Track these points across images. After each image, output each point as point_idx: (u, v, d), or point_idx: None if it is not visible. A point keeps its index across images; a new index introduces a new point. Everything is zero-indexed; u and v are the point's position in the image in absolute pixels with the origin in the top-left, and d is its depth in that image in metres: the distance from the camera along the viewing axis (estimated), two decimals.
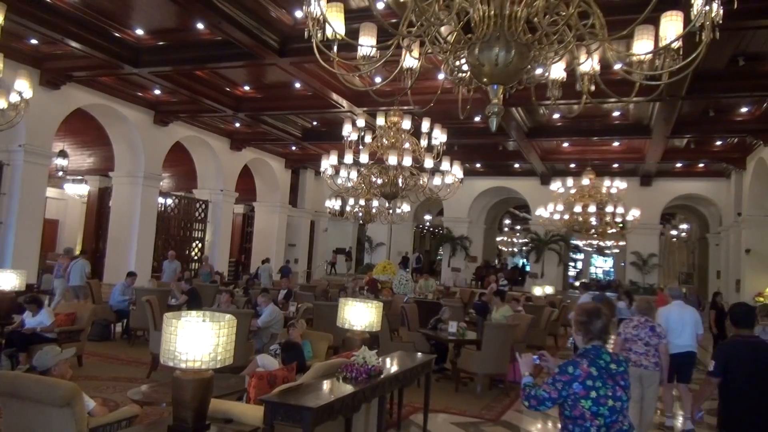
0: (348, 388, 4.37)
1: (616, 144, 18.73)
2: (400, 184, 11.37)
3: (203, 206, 19.92)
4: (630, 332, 6.05)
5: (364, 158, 10.86)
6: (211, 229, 20.00)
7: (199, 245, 19.81)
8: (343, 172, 11.80)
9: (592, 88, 4.45)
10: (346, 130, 11.06)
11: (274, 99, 15.52)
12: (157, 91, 15.07)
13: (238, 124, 18.21)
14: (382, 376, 4.82)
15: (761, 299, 15.40)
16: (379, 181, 11.47)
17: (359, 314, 5.81)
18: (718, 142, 17.74)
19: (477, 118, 16.46)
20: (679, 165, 20.63)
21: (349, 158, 11.03)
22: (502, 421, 6.49)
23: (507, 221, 34.27)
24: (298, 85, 14.23)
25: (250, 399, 4.08)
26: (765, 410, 3.92)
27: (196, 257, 19.64)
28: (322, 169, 11.84)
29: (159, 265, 17.11)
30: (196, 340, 3.41)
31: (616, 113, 15.28)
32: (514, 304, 10.84)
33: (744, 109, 14.27)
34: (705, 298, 21.36)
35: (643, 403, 5.92)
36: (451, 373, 7.79)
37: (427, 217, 28.26)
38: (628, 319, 6.52)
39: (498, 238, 34.98)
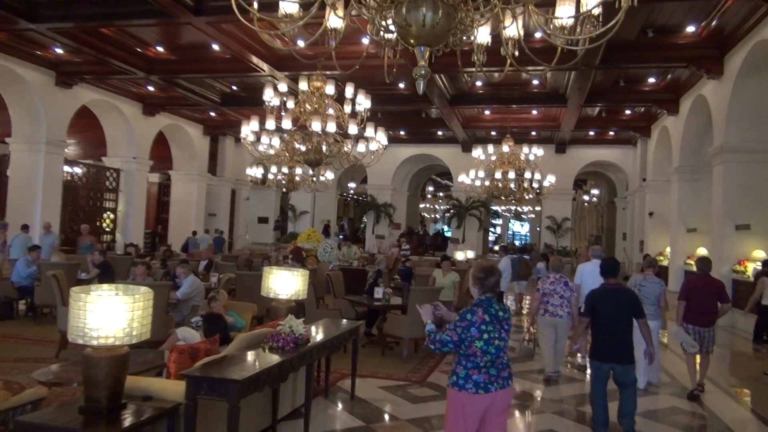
0: (275, 358, 4.28)
1: (534, 112, 19.30)
2: (324, 151, 11.16)
3: (115, 175, 18.81)
4: (548, 288, 7.06)
5: (286, 124, 10.53)
6: (124, 199, 18.97)
7: (111, 216, 18.76)
8: (264, 139, 11.42)
9: (516, 53, 4.45)
10: (268, 95, 10.67)
11: (189, 61, 14.71)
12: (59, 50, 13.87)
13: (151, 88, 17.19)
14: (309, 345, 4.75)
15: (661, 258, 16.56)
16: (303, 148, 11.20)
17: (284, 283, 5.70)
18: (627, 112, 18.68)
19: (401, 85, 16.43)
20: (591, 133, 21.60)
21: (270, 124, 10.66)
22: (428, 383, 6.63)
23: (430, 188, 34.78)
24: (215, 47, 13.55)
25: (171, 374, 3.90)
26: (619, 339, 5.01)
27: (108, 229, 18.62)
28: (242, 135, 11.38)
29: (68, 239, 16.10)
30: (109, 315, 3.20)
31: (534, 82, 15.68)
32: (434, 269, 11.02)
33: (651, 80, 15.05)
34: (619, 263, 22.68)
35: (557, 346, 7.05)
36: (378, 339, 7.85)
37: (351, 184, 28.16)
38: (545, 277, 7.39)
39: (421, 205, 35.51)
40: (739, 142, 11.75)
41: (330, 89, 10.83)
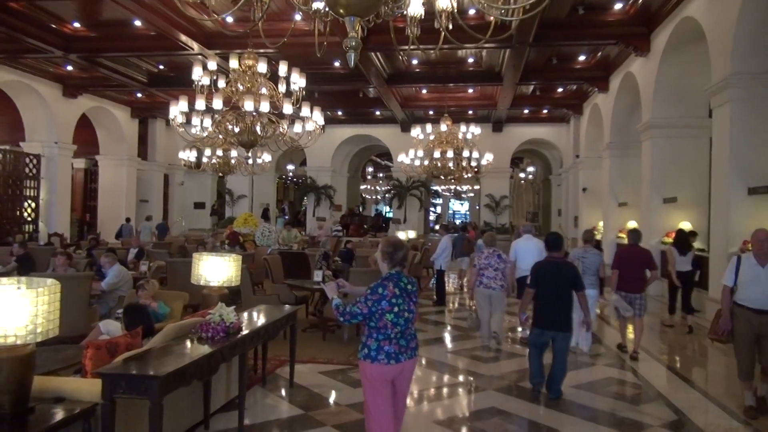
0: (204, 349, 4.03)
1: (470, 91, 19.38)
2: (259, 132, 10.79)
3: (35, 161, 17.63)
4: (483, 262, 7.58)
5: (218, 104, 10.06)
6: (47, 186, 17.83)
7: (33, 205, 17.62)
8: (195, 120, 10.92)
9: (450, 26, 4.33)
10: (197, 73, 10.17)
11: (111, 39, 13.85)
12: None
13: (70, 68, 16.12)
14: (241, 333, 4.52)
15: (595, 232, 17.09)
16: (236, 129, 10.78)
17: (215, 269, 5.42)
18: (560, 89, 19.04)
19: (336, 63, 16.10)
20: (526, 111, 21.95)
21: (200, 104, 10.17)
22: None
23: (370, 169, 34.62)
24: (138, 23, 12.82)
25: (87, 372, 3.59)
26: (560, 309, 5.43)
27: (29, 218, 17.49)
28: (170, 116, 10.83)
29: None
30: (8, 311, 2.87)
31: (470, 60, 15.70)
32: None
33: (582, 58, 15.34)
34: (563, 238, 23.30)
35: (493, 317, 7.54)
36: (319, 322, 7.64)
37: (290, 167, 27.63)
38: (480, 252, 7.90)
39: (362, 186, 35.35)
40: (665, 118, 12.15)
41: (262, 67, 10.42)
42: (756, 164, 8.59)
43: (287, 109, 10.25)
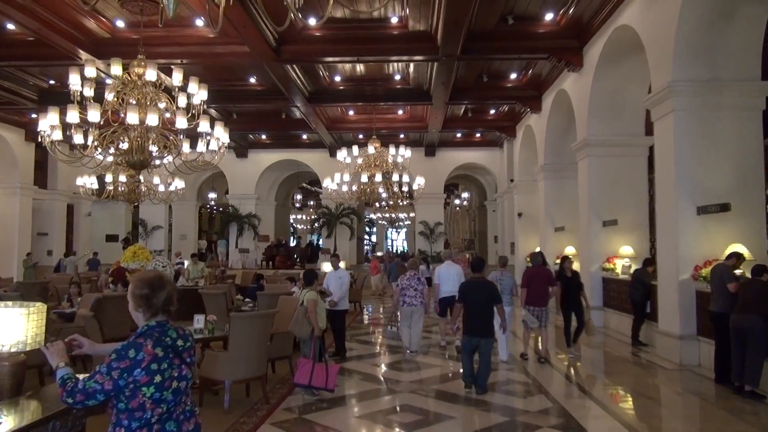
0: None
1: (400, 112, 18.43)
2: (153, 152, 9.24)
3: None
4: (405, 283, 8.90)
5: (93, 116, 8.43)
6: None
7: None
8: (78, 138, 9.21)
9: None
10: (74, 81, 8.63)
11: None
12: None
13: None
14: None
15: (528, 259, 16.22)
16: (124, 147, 9.19)
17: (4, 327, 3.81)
18: (492, 111, 18.34)
19: (252, 80, 14.74)
20: (459, 135, 21.22)
21: (74, 117, 8.52)
22: None
23: (299, 197, 33.08)
24: (11, 26, 11.08)
25: None
26: (483, 319, 6.50)
27: None
28: (39, 129, 9.12)
29: None
30: None
31: (397, 77, 14.70)
32: (290, 284, 9.49)
33: (513, 75, 14.61)
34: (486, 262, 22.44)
35: (413, 329, 8.81)
36: (198, 383, 5.98)
37: (212, 195, 25.73)
38: (402, 275, 9.20)
39: (292, 216, 33.72)
40: (601, 135, 11.41)
41: (151, 74, 8.94)
42: (704, 180, 7.78)
43: (181, 123, 8.75)
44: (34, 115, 17.47)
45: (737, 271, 6.76)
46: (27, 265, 18.25)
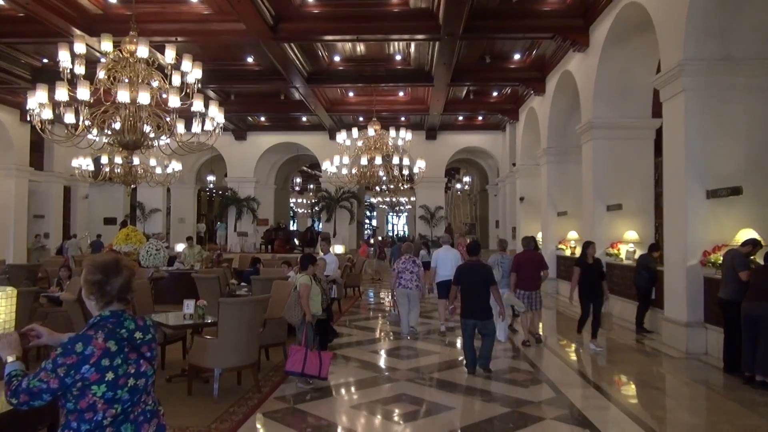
0: None
1: (401, 94, 18.09)
2: (146, 132, 8.97)
3: None
4: (401, 266, 8.91)
5: (83, 94, 8.14)
6: None
7: None
8: (69, 117, 8.92)
9: None
10: (64, 58, 8.35)
11: None
12: None
13: None
14: None
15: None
16: (117, 126, 8.91)
17: None
18: (494, 93, 17.99)
19: (250, 59, 14.41)
20: (461, 118, 20.86)
21: (63, 94, 8.23)
22: None
23: (299, 180, 32.78)
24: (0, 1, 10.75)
25: None
26: (480, 301, 6.57)
27: None
28: (28, 107, 8.84)
29: None
30: None
31: (398, 57, 14.35)
32: (286, 268, 9.27)
33: (516, 56, 14.25)
34: (486, 246, 22.25)
35: (411, 313, 8.87)
36: (188, 371, 5.75)
37: (210, 177, 25.44)
38: (398, 258, 9.18)
39: (292, 200, 33.47)
40: (607, 117, 11.11)
41: (143, 51, 8.62)
42: (714, 163, 7.50)
43: (174, 102, 8.46)
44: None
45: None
46: (35, 247, 18.09)
